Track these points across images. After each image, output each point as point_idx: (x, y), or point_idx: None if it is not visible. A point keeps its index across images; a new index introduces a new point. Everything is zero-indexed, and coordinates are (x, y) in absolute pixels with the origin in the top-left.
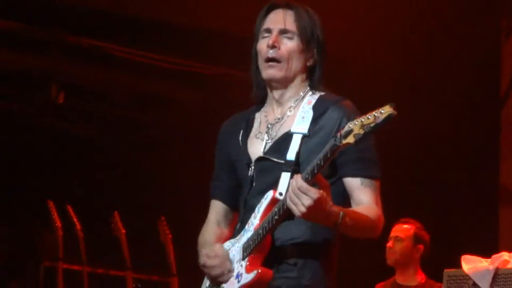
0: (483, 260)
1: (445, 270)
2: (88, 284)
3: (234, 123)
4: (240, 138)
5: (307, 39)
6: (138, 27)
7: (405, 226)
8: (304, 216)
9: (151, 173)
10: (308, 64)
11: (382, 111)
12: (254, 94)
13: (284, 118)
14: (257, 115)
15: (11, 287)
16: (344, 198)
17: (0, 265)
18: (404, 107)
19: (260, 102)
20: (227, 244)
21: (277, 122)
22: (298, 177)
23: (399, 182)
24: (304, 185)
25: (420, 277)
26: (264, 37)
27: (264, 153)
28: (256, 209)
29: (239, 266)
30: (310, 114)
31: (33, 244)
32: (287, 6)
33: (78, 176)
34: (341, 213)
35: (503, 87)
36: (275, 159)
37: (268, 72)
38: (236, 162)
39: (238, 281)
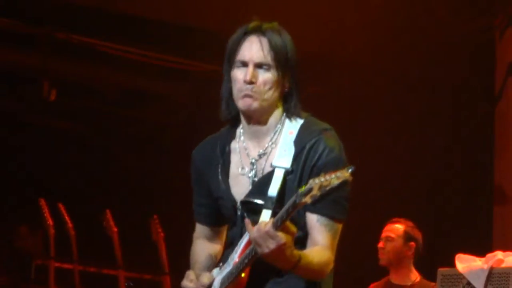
0: (477, 259)
1: (439, 269)
2: (80, 282)
3: (209, 152)
4: (219, 175)
5: (283, 68)
6: (128, 24)
7: (396, 225)
8: (266, 257)
9: (144, 171)
10: (284, 90)
11: (339, 175)
12: (222, 114)
13: (267, 152)
14: (234, 146)
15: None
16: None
17: None
18: (397, 106)
19: (232, 125)
20: (215, 272)
21: (260, 158)
22: (268, 222)
23: (392, 181)
24: (272, 230)
25: (414, 276)
26: (239, 67)
27: (247, 195)
28: (238, 245)
29: None
30: (292, 148)
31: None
32: (260, 31)
33: (70, 174)
34: (298, 258)
35: (497, 85)
36: (258, 201)
37: (244, 103)
38: (219, 200)
39: None
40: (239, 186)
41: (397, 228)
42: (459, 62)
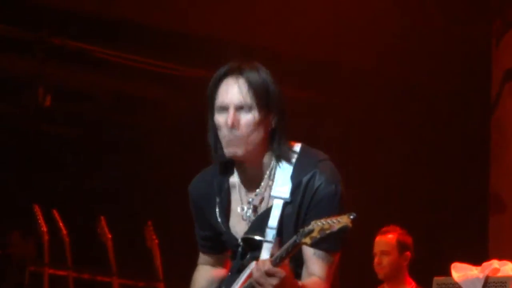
0: (473, 268)
1: (435, 278)
2: None
3: (205, 188)
4: (218, 216)
5: (265, 106)
6: (123, 30)
7: (388, 236)
8: None
9: (138, 177)
10: (270, 128)
11: (340, 220)
12: (213, 158)
13: (265, 190)
14: (233, 181)
15: None
16: None
17: None
18: (394, 112)
19: (226, 164)
20: None
21: (258, 196)
22: (266, 262)
23: (388, 188)
24: (271, 268)
25: (410, 285)
26: (220, 113)
27: (246, 232)
28: (241, 275)
29: None
30: (289, 181)
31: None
32: (238, 71)
33: (64, 180)
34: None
35: (493, 92)
36: (257, 237)
37: (229, 152)
38: (222, 236)
39: None
40: (239, 224)
41: (390, 240)
42: (455, 68)
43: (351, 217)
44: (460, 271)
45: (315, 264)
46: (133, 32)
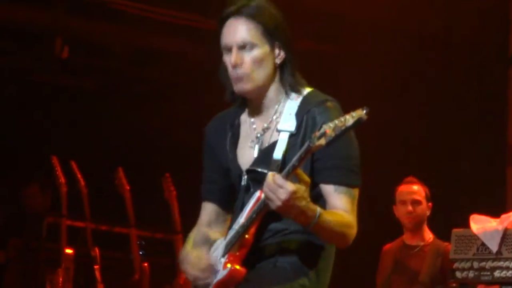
0: (492, 220)
1: (454, 230)
2: (92, 240)
3: (220, 126)
4: (228, 147)
5: (269, 40)
6: None
7: (415, 187)
8: (280, 210)
9: (156, 129)
10: (277, 63)
11: (354, 115)
12: (227, 97)
13: (272, 124)
14: (243, 118)
15: (12, 245)
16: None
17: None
18: (411, 65)
19: (241, 103)
20: (217, 242)
21: (266, 131)
22: (275, 173)
23: (407, 141)
24: (280, 179)
25: (428, 236)
26: (226, 53)
27: (252, 164)
28: (244, 208)
29: (219, 263)
30: (295, 115)
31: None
32: (238, 11)
33: (82, 131)
34: (318, 211)
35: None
36: (262, 170)
37: (237, 87)
38: (228, 171)
39: (215, 278)
40: (246, 157)
41: (419, 190)
42: (473, 23)
43: (365, 110)
44: (478, 223)
45: (338, 200)
46: None
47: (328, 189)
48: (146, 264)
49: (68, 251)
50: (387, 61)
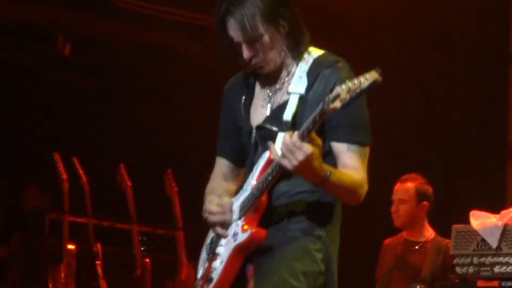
0: (492, 216)
1: (454, 226)
2: (94, 236)
3: (237, 85)
4: (242, 105)
5: (270, 22)
6: None
7: (407, 185)
8: (296, 170)
9: (158, 125)
10: (285, 34)
11: (368, 77)
12: (242, 64)
13: (284, 85)
14: (258, 79)
15: (14, 240)
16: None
17: (2, 217)
18: (411, 61)
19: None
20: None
21: (277, 91)
22: (293, 134)
23: (407, 137)
24: (298, 141)
25: (429, 233)
26: (240, 47)
27: (263, 121)
28: (254, 168)
29: (236, 226)
30: (306, 76)
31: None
32: (229, 12)
33: (84, 128)
34: (329, 170)
35: None
36: (272, 127)
37: (258, 70)
38: (240, 129)
39: (234, 240)
40: (258, 115)
41: (408, 189)
42: (473, 17)
43: (378, 71)
44: (478, 219)
45: (349, 158)
46: None
47: (341, 148)
48: (147, 260)
49: (70, 246)
50: (386, 60)
